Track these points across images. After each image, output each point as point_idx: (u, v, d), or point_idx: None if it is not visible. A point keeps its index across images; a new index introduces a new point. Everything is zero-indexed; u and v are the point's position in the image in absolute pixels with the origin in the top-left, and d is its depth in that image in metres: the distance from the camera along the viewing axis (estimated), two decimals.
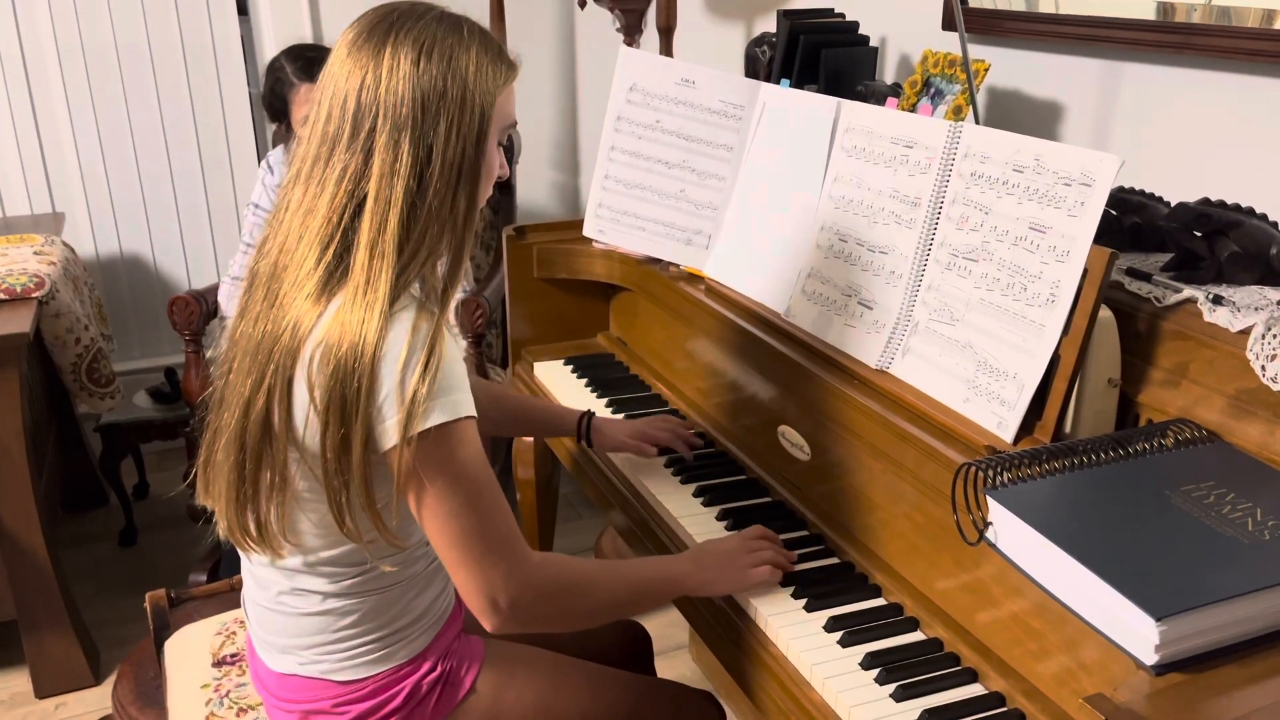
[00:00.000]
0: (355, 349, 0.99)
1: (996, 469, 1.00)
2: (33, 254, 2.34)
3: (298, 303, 1.02)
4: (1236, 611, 0.85)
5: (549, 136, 3.42)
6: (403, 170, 1.01)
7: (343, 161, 1.02)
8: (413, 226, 1.02)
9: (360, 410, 0.99)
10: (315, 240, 1.03)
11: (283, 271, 1.05)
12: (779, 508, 1.41)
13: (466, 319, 2.23)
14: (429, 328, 1.01)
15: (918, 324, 1.27)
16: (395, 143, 1.01)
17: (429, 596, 1.19)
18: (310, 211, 1.04)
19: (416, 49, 1.02)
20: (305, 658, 1.15)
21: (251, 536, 1.10)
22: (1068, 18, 1.67)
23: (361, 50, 1.03)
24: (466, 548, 1.05)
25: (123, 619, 2.36)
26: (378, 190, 1.01)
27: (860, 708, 1.04)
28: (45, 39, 2.89)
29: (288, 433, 1.03)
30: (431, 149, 1.02)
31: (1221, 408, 1.06)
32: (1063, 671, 0.98)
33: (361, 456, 1.01)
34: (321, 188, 1.03)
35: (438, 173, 1.03)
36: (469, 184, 1.05)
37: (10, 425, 2.01)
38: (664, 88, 1.68)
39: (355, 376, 0.99)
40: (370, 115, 1.02)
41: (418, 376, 0.99)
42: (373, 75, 1.02)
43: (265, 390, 1.03)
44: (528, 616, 1.09)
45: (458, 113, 1.03)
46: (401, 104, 1.01)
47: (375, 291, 1.00)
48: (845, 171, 1.42)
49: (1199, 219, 1.19)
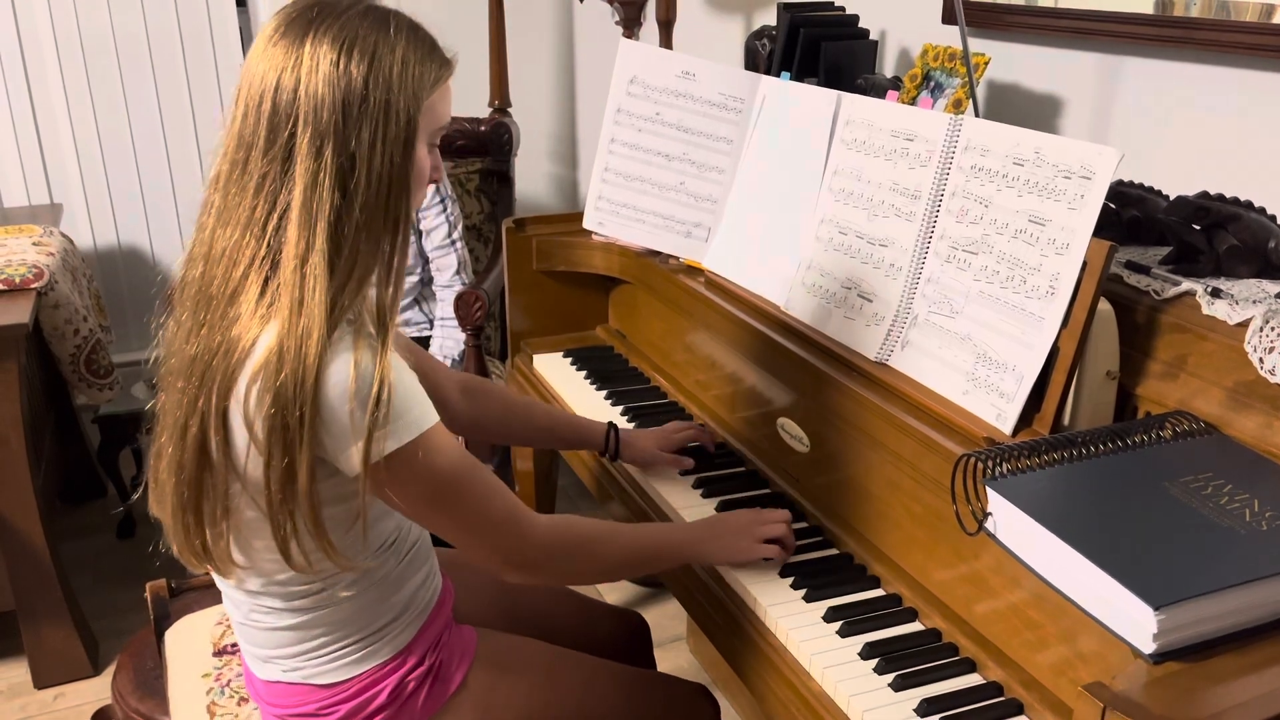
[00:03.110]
0: (295, 375, 0.94)
1: (995, 460, 1.01)
2: (31, 245, 2.34)
3: (230, 322, 0.97)
4: (1233, 601, 0.85)
5: (548, 129, 3.41)
6: (327, 181, 0.95)
7: (261, 168, 0.96)
8: (342, 242, 0.96)
9: (304, 440, 0.95)
10: (241, 255, 0.97)
11: (210, 285, 0.99)
12: (778, 499, 1.41)
13: (465, 311, 2.23)
14: (373, 356, 0.96)
15: (917, 316, 1.28)
16: (318, 150, 0.95)
17: (408, 591, 1.16)
18: (232, 222, 0.98)
19: (337, 47, 0.96)
20: (286, 665, 1.14)
21: (200, 558, 1.06)
22: (1067, 11, 1.67)
23: (279, 45, 0.97)
24: (470, 534, 1.08)
25: (121, 610, 2.36)
26: (303, 201, 0.95)
27: (859, 697, 1.05)
28: (43, 31, 2.88)
29: (227, 462, 0.99)
30: (355, 157, 0.96)
31: (1219, 400, 1.06)
32: (1060, 661, 0.98)
33: (308, 487, 0.97)
34: (241, 195, 0.97)
35: (364, 184, 0.96)
36: (399, 195, 0.99)
37: (9, 416, 2.01)
38: (664, 80, 1.68)
39: (297, 405, 0.94)
40: (289, 119, 0.95)
41: (371, 407, 0.95)
42: (290, 74, 0.95)
43: (199, 416, 0.98)
44: (543, 572, 1.15)
45: (382, 118, 0.97)
46: (321, 108, 0.95)
47: (310, 315, 0.95)
48: (845, 164, 1.42)
49: (1198, 212, 1.19)
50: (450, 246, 2.40)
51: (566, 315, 1.95)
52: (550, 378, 1.81)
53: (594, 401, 1.71)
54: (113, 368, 2.46)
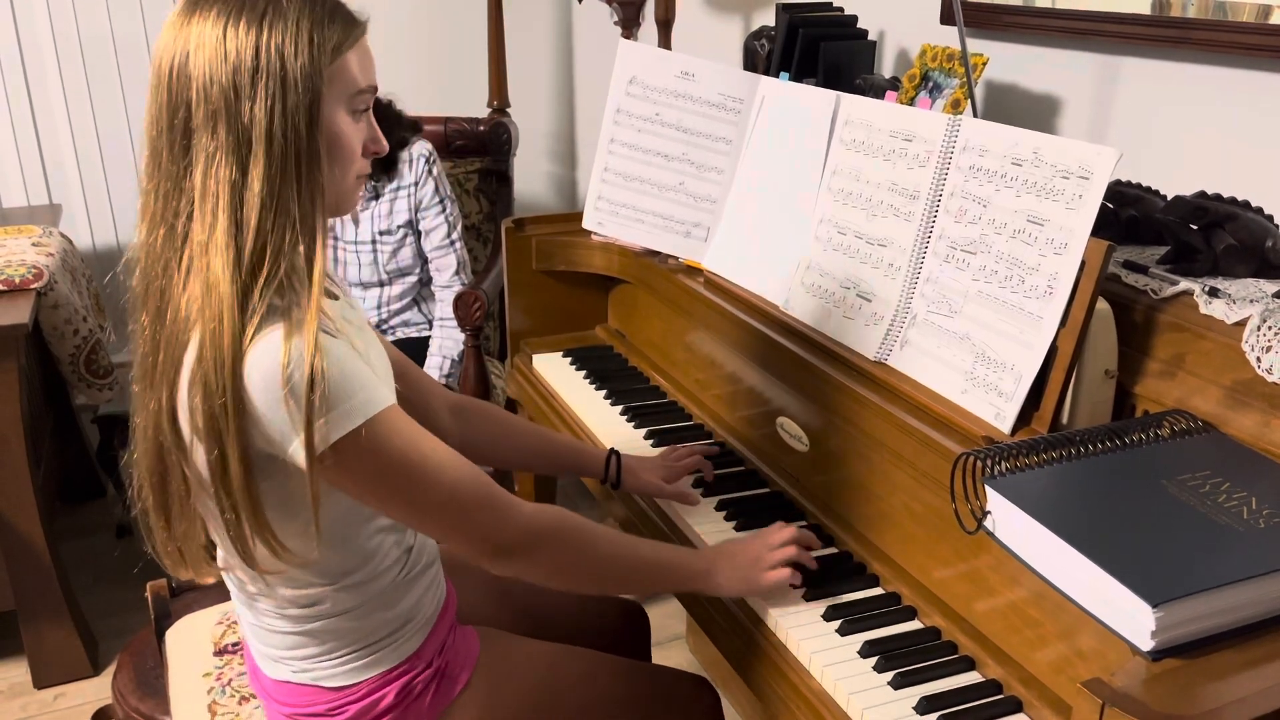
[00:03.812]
0: (215, 364, 0.91)
1: (994, 459, 1.01)
2: (31, 245, 2.34)
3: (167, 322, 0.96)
4: (1232, 598, 0.86)
5: (547, 129, 3.42)
6: (222, 159, 0.92)
7: (167, 159, 0.94)
8: (244, 221, 0.92)
9: (231, 430, 0.92)
10: (162, 251, 0.95)
11: (145, 287, 0.98)
12: (777, 498, 1.42)
13: (464, 312, 2.23)
14: (301, 340, 0.92)
15: (916, 316, 1.28)
16: (212, 130, 0.92)
17: (411, 600, 1.16)
18: (150, 219, 0.96)
19: (223, 21, 0.91)
20: (295, 667, 1.14)
21: (175, 561, 1.06)
22: (1065, 12, 1.67)
23: (173, 25, 0.93)
24: (445, 518, 1.03)
25: (120, 610, 2.36)
26: (202, 185, 0.92)
27: (859, 695, 1.05)
28: (42, 31, 2.88)
29: (183, 461, 0.98)
30: (251, 132, 0.92)
31: (1217, 399, 1.07)
32: (1059, 659, 0.99)
33: (243, 480, 0.94)
34: (156, 190, 0.95)
35: (263, 158, 0.92)
36: (308, 167, 0.94)
37: (9, 416, 2.02)
38: (663, 80, 1.69)
39: (220, 391, 0.91)
40: (183, 100, 0.92)
41: (304, 394, 0.91)
42: (180, 55, 0.92)
43: (154, 417, 0.97)
44: (527, 560, 1.08)
45: (279, 89, 0.92)
46: (211, 84, 0.91)
47: (219, 300, 0.92)
48: (844, 164, 1.43)
49: (1195, 212, 1.20)
50: (449, 247, 2.41)
51: (566, 315, 1.95)
52: (550, 378, 1.81)
53: (594, 402, 1.71)
54: (112, 368, 2.46)
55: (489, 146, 2.81)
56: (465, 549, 1.07)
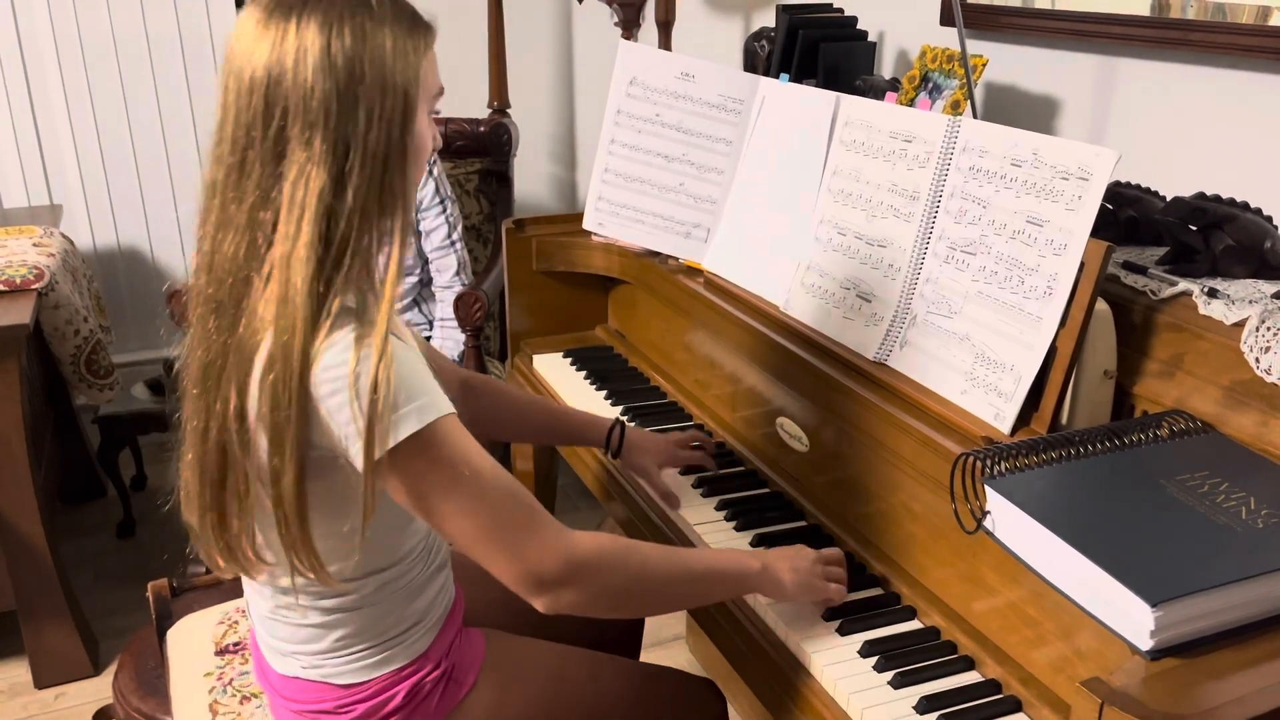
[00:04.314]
0: (285, 372, 0.93)
1: (994, 459, 1.02)
2: (32, 246, 2.34)
3: (238, 326, 0.97)
4: (1231, 598, 0.86)
5: (547, 130, 3.42)
6: (314, 170, 0.93)
7: (255, 166, 0.95)
8: (333, 231, 0.94)
9: (292, 438, 0.94)
10: (241, 257, 0.96)
11: (217, 293, 0.98)
12: (777, 498, 1.42)
13: (465, 312, 2.23)
14: (371, 343, 0.94)
15: (916, 316, 1.28)
16: (307, 141, 0.93)
17: (424, 600, 1.17)
18: (231, 225, 0.97)
19: (325, 31, 0.93)
20: (307, 662, 1.15)
21: (229, 560, 1.07)
22: (1064, 13, 1.68)
23: (265, 34, 0.94)
24: (492, 538, 1.00)
25: (121, 610, 2.36)
26: (291, 196, 0.93)
27: (859, 695, 1.06)
28: (43, 31, 2.88)
29: (247, 461, 0.99)
30: (349, 143, 0.94)
31: (1216, 399, 1.07)
32: (1059, 658, 0.99)
33: (294, 489, 0.96)
34: (239, 197, 0.96)
35: (358, 167, 0.94)
36: (397, 171, 0.97)
37: (10, 416, 2.02)
38: (664, 81, 1.69)
39: (287, 401, 0.93)
40: (279, 111, 0.93)
41: (369, 396, 0.92)
42: (278, 65, 0.93)
43: (218, 418, 0.98)
44: (580, 595, 1.03)
45: (379, 97, 0.94)
46: (312, 96, 0.92)
47: (295, 310, 0.93)
48: (844, 165, 1.43)
49: (1194, 213, 1.20)
50: (450, 247, 2.41)
51: (566, 316, 1.96)
52: (550, 378, 1.81)
53: (594, 401, 1.71)
54: (113, 368, 2.47)
55: (489, 147, 2.81)
56: (508, 574, 1.02)
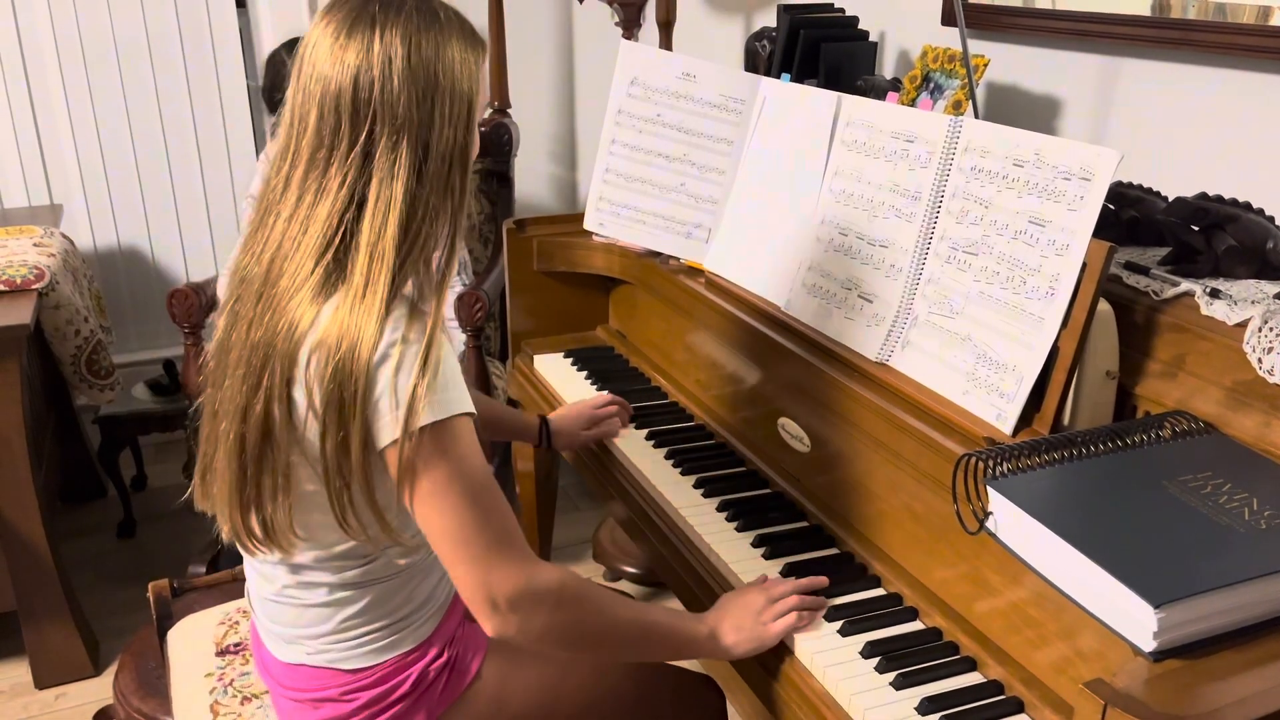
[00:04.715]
0: (354, 351, 0.99)
1: (996, 460, 1.01)
2: (32, 246, 2.34)
3: (294, 307, 1.02)
4: (1233, 598, 0.86)
5: (547, 130, 3.42)
6: (402, 171, 1.01)
7: (343, 166, 1.02)
8: (411, 224, 1.03)
9: (358, 412, 1.00)
10: (314, 247, 1.02)
11: (278, 278, 1.04)
12: (778, 499, 1.42)
13: (466, 312, 2.23)
14: (423, 326, 1.02)
15: (917, 317, 1.28)
16: (395, 143, 1.01)
17: (431, 583, 1.19)
18: (309, 219, 1.03)
19: (407, 44, 1.01)
20: (312, 647, 1.16)
21: (257, 538, 1.10)
22: (1066, 13, 1.68)
23: (348, 46, 1.01)
24: (464, 545, 1.03)
25: (122, 610, 2.36)
26: (378, 193, 1.01)
27: (861, 695, 1.06)
28: (44, 31, 2.88)
29: (289, 435, 1.04)
30: (429, 144, 1.02)
31: (1218, 400, 1.07)
32: (1061, 659, 0.99)
33: (361, 457, 1.02)
34: (322, 194, 1.02)
35: (434, 167, 1.03)
36: (460, 170, 1.06)
37: (10, 417, 2.02)
38: (664, 81, 1.69)
39: (353, 379, 0.99)
40: (368, 115, 1.01)
41: (415, 375, 0.99)
42: (366, 74, 1.00)
43: (263, 394, 1.03)
44: (529, 624, 1.06)
45: (449, 104, 1.03)
46: (398, 103, 1.01)
47: (375, 294, 1.00)
48: (845, 165, 1.43)
49: (1196, 213, 1.20)
50: None
51: (567, 316, 1.96)
52: (551, 378, 1.81)
53: None
54: (113, 368, 2.47)
55: (490, 147, 2.81)
56: (467, 584, 1.04)
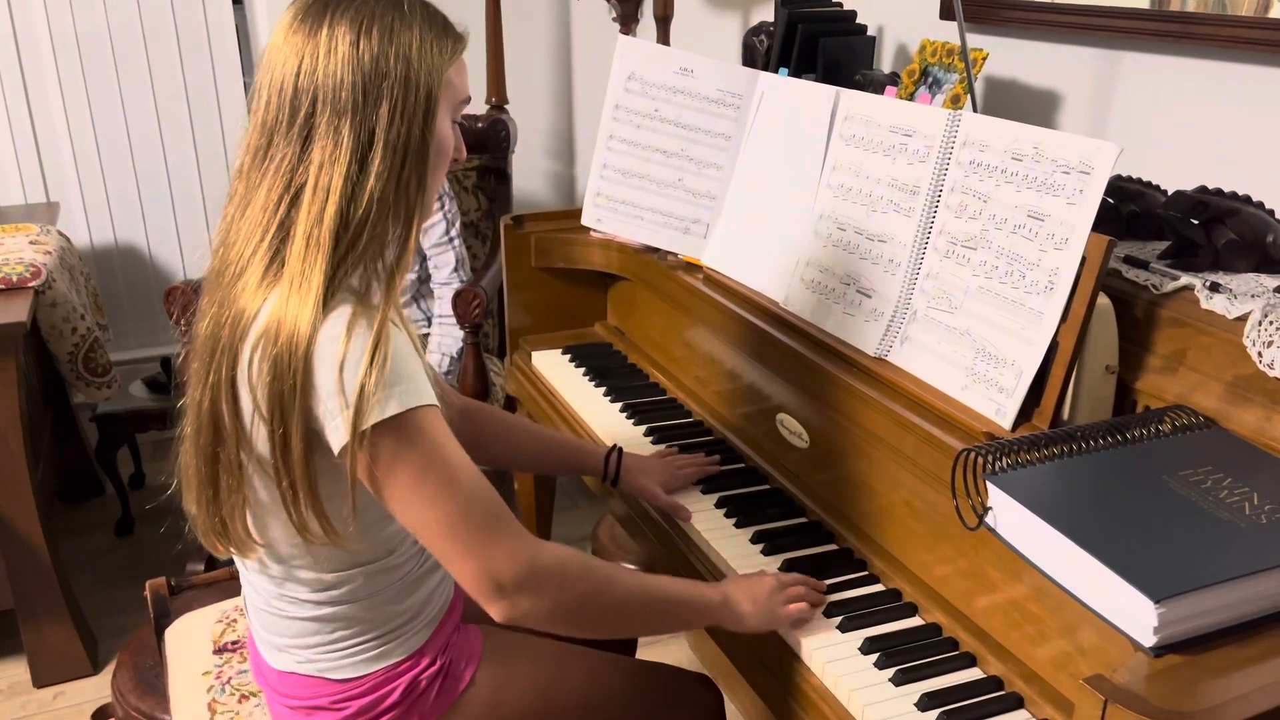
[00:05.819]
0: (290, 344, 0.96)
1: (995, 455, 1.01)
2: (29, 243, 2.33)
3: (240, 298, 1.00)
4: (1234, 594, 0.85)
5: (545, 126, 3.41)
6: (342, 157, 0.98)
7: (281, 151, 1.00)
8: (352, 215, 0.99)
9: (297, 408, 0.97)
10: (254, 235, 1.01)
11: (225, 268, 1.03)
12: (777, 495, 1.41)
13: (463, 309, 2.23)
14: (369, 321, 0.98)
15: (916, 312, 1.28)
16: (335, 128, 0.98)
17: (422, 595, 1.17)
18: (248, 204, 1.01)
19: (355, 28, 0.99)
20: (302, 656, 1.14)
21: (223, 540, 1.08)
22: (1065, 6, 1.67)
23: (298, 32, 1.00)
24: (455, 535, 1.01)
25: (120, 608, 2.36)
26: (315, 179, 0.99)
27: (860, 691, 1.05)
28: (39, 28, 2.87)
29: (238, 434, 1.01)
30: (374, 133, 0.99)
31: (1218, 394, 1.06)
32: (1061, 655, 0.99)
33: (303, 456, 0.98)
34: (260, 178, 1.01)
35: (379, 158, 0.99)
36: (416, 167, 1.02)
37: (8, 415, 2.01)
38: (662, 76, 1.68)
39: (290, 372, 0.96)
40: (308, 100, 0.99)
41: (361, 373, 0.95)
42: (310, 58, 0.99)
43: (211, 389, 1.01)
44: (539, 603, 1.03)
45: (401, 93, 1.00)
46: (340, 87, 0.98)
47: (309, 283, 0.97)
48: (844, 160, 1.43)
49: (1196, 207, 1.19)
50: (448, 244, 2.40)
51: (565, 312, 1.95)
52: (549, 375, 1.81)
53: (593, 399, 1.71)
54: (110, 366, 2.46)
55: (487, 143, 2.80)
56: (468, 574, 1.02)
